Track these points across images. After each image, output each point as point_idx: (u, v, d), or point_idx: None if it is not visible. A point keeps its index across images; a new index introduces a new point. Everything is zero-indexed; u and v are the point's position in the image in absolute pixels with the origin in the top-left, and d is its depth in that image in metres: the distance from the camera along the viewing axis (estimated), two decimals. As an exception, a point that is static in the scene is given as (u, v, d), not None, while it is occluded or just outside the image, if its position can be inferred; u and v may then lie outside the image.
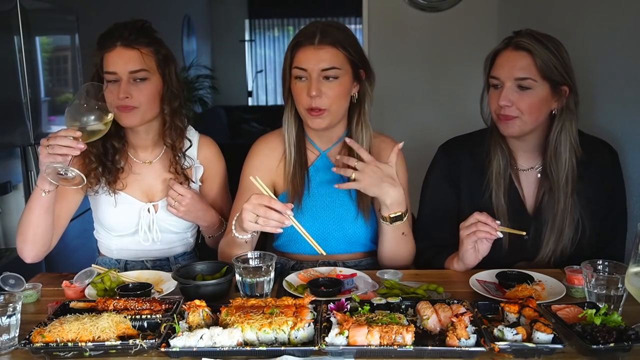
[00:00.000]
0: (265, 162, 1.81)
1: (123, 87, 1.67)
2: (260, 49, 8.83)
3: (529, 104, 1.64)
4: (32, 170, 2.79)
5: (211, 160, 1.90)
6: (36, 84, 2.94)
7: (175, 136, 1.79)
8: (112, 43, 1.69)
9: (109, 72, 1.69)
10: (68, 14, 3.35)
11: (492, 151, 1.76)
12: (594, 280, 1.32)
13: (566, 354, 1.15)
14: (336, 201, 1.78)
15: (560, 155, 1.68)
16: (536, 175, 1.78)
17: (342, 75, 1.66)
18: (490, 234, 1.53)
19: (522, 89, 1.64)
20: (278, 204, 1.44)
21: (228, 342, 1.15)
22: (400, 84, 3.61)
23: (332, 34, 1.65)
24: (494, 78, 1.68)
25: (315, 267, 1.67)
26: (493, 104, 1.69)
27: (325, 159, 1.80)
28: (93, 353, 1.17)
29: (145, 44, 1.71)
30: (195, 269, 1.54)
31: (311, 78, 1.64)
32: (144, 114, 1.72)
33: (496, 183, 1.74)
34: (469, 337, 1.14)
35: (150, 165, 1.84)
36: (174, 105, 1.77)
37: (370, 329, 1.14)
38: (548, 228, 1.71)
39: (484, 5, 3.53)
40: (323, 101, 1.65)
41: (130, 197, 1.81)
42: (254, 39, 8.78)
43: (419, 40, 3.60)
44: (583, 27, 2.39)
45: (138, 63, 1.69)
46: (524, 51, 1.63)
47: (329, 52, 1.64)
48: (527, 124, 1.66)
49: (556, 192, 1.69)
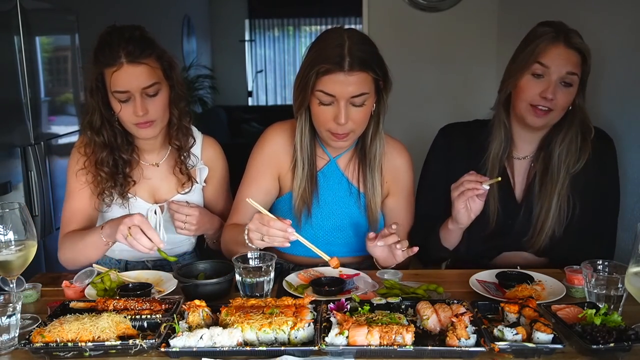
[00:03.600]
0: (277, 156, 1.77)
1: (139, 104, 1.63)
2: (260, 49, 8.83)
3: (567, 100, 1.66)
4: (32, 170, 2.79)
5: (214, 160, 1.90)
6: (36, 84, 2.94)
7: (182, 136, 1.79)
8: (116, 60, 1.62)
9: (120, 91, 1.64)
10: (68, 14, 3.35)
11: (495, 134, 1.76)
12: (594, 280, 1.32)
13: (566, 354, 1.15)
14: (343, 209, 1.77)
15: (571, 148, 1.71)
16: (529, 163, 1.79)
17: (369, 98, 1.61)
18: (476, 188, 1.55)
19: (565, 86, 1.64)
20: (277, 223, 1.44)
21: (228, 342, 1.15)
22: (399, 83, 3.57)
23: (360, 56, 1.56)
24: (542, 66, 1.64)
25: (315, 267, 1.67)
26: (530, 92, 1.66)
27: (334, 165, 1.77)
28: (93, 353, 1.17)
29: (149, 54, 1.66)
30: (197, 268, 1.54)
31: (339, 104, 1.56)
32: (161, 124, 1.72)
33: (492, 166, 1.75)
34: (469, 337, 1.14)
35: (157, 167, 1.84)
36: (181, 106, 1.76)
37: (370, 329, 1.14)
38: (543, 213, 1.72)
39: (484, 5, 3.53)
40: (349, 126, 1.60)
41: (139, 200, 1.81)
42: (254, 39, 8.77)
43: (419, 41, 3.60)
44: (583, 26, 2.38)
45: (149, 78, 1.65)
46: (577, 51, 1.65)
47: (359, 78, 1.55)
48: (555, 118, 1.69)
49: (549, 182, 1.71)
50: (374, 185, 1.73)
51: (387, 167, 1.76)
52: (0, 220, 1.31)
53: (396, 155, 1.79)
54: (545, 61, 1.64)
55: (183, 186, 1.82)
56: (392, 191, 1.80)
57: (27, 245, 1.34)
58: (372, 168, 1.72)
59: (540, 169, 1.76)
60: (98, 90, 1.69)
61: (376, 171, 1.72)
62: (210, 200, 1.92)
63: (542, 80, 1.64)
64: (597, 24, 2.27)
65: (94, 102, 1.70)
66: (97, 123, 1.71)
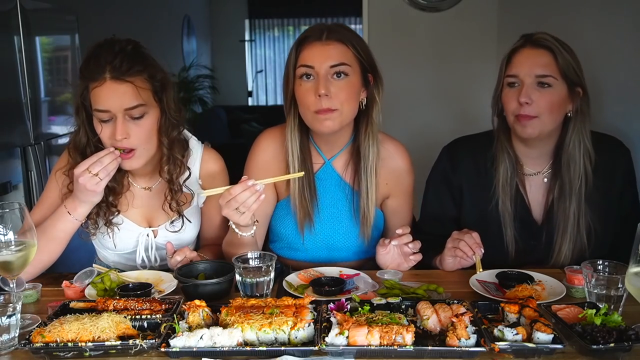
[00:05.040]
0: (271, 162, 1.74)
1: (119, 127, 1.50)
2: (260, 49, 8.83)
3: (549, 102, 1.60)
4: (32, 170, 2.80)
5: (215, 176, 1.77)
6: (36, 84, 2.95)
7: (173, 169, 1.65)
8: (100, 75, 1.49)
9: (100, 110, 1.51)
10: (68, 14, 3.35)
11: (499, 157, 1.71)
12: (594, 280, 1.32)
13: (566, 354, 1.15)
14: (341, 211, 1.76)
15: (575, 159, 1.65)
16: (542, 180, 1.74)
17: (351, 74, 1.59)
18: (466, 255, 1.56)
19: (542, 87, 1.60)
20: (236, 188, 1.44)
21: (228, 342, 1.15)
22: (400, 83, 3.61)
23: (339, 31, 1.60)
24: (512, 77, 1.63)
25: (315, 267, 1.67)
26: (511, 103, 1.63)
27: (329, 167, 1.75)
28: (93, 353, 1.16)
29: (138, 72, 1.52)
30: (197, 268, 1.54)
31: (319, 76, 1.56)
32: (145, 153, 1.59)
33: (502, 191, 1.70)
34: (469, 337, 1.14)
35: (149, 191, 1.74)
36: (172, 135, 1.62)
37: (370, 329, 1.14)
38: (560, 234, 1.68)
39: (484, 5, 3.54)
40: (333, 102, 1.56)
41: (130, 223, 1.72)
42: (254, 39, 8.78)
43: (419, 41, 3.60)
44: (583, 25, 2.39)
45: (133, 98, 1.50)
46: (544, 49, 1.61)
47: (337, 48, 1.58)
48: (546, 124, 1.62)
49: (568, 197, 1.66)
50: (367, 185, 1.69)
51: (387, 168, 1.75)
52: (0, 220, 1.31)
53: (396, 157, 1.77)
54: (513, 70, 1.64)
55: (172, 224, 1.72)
56: (393, 193, 1.79)
57: (27, 245, 1.33)
58: (367, 167, 1.69)
59: (553, 185, 1.71)
60: (83, 107, 1.58)
61: (370, 171, 1.69)
62: (209, 218, 1.80)
63: (518, 88, 1.63)
64: (598, 21, 2.27)
65: (79, 120, 1.60)
66: (82, 142, 1.61)
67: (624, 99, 2.08)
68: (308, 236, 1.74)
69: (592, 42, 2.28)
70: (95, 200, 1.56)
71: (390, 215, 1.81)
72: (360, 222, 1.73)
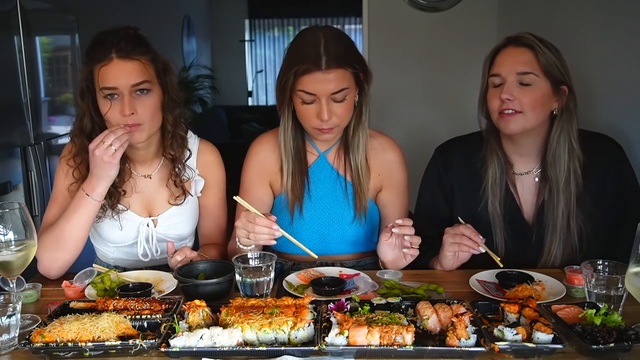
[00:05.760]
0: (264, 163, 1.80)
1: (127, 102, 1.56)
2: (260, 49, 8.84)
3: (531, 99, 1.61)
4: (32, 170, 2.80)
5: (211, 167, 1.83)
6: (36, 84, 2.95)
7: (177, 147, 1.72)
8: (106, 55, 1.56)
9: (108, 87, 1.57)
10: (68, 14, 3.35)
11: (488, 159, 1.73)
12: (594, 280, 1.32)
13: (566, 354, 1.15)
14: (335, 202, 1.78)
15: (560, 157, 1.66)
16: (533, 179, 1.74)
17: (350, 92, 1.63)
18: (472, 248, 1.56)
19: (524, 85, 1.62)
20: (263, 220, 1.46)
21: (228, 342, 1.15)
22: (400, 83, 3.62)
23: (335, 52, 1.58)
24: (494, 76, 1.65)
25: (314, 267, 1.67)
26: (494, 102, 1.65)
27: (324, 160, 1.80)
28: (93, 353, 1.17)
29: (143, 53, 1.60)
30: (197, 268, 1.54)
31: (320, 102, 1.60)
32: (150, 129, 1.64)
33: (492, 192, 1.71)
34: (469, 337, 1.14)
35: (149, 179, 1.78)
36: (175, 113, 1.69)
37: (370, 329, 1.14)
38: (549, 234, 1.69)
39: (484, 5, 3.54)
40: (333, 121, 1.63)
41: (131, 213, 1.75)
42: (254, 39, 8.78)
43: (419, 40, 3.60)
44: (583, 25, 2.39)
45: (140, 74, 1.58)
46: (525, 47, 1.63)
47: (337, 75, 1.58)
48: (529, 121, 1.63)
49: (556, 196, 1.67)
50: (360, 173, 1.74)
51: (378, 159, 1.78)
52: (0, 220, 1.31)
53: (387, 150, 1.80)
54: (496, 69, 1.65)
55: (176, 199, 1.76)
56: (385, 185, 1.81)
57: (27, 245, 1.34)
58: (356, 157, 1.74)
59: (544, 185, 1.71)
60: (88, 91, 1.63)
61: (360, 160, 1.73)
62: (206, 210, 1.84)
63: (500, 87, 1.64)
64: (597, 21, 2.28)
65: (84, 104, 1.65)
66: (87, 127, 1.66)
67: (624, 98, 2.08)
68: (302, 226, 1.75)
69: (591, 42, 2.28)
70: (112, 174, 1.59)
71: (384, 209, 1.82)
72: (353, 208, 1.75)
